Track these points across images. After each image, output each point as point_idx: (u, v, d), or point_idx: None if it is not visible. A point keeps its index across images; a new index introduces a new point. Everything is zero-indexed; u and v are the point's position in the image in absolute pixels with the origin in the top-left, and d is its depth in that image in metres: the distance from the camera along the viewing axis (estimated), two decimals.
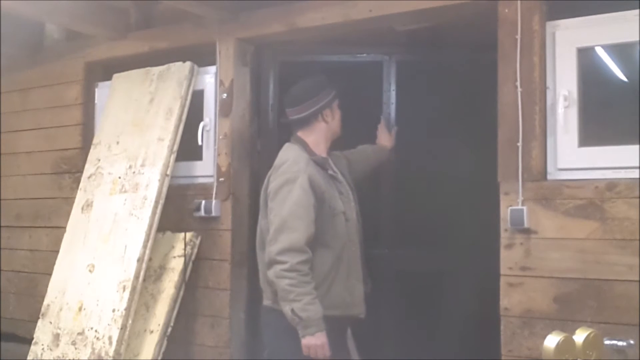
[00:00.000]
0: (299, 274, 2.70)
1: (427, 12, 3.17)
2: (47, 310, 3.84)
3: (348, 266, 2.91)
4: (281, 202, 2.80)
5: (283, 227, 2.75)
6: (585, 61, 2.83)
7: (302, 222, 2.75)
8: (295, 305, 2.68)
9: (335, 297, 2.85)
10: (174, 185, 3.73)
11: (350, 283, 2.91)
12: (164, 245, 3.72)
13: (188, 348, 3.70)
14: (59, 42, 4.50)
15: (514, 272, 2.81)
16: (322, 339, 2.70)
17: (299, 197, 2.77)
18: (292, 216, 2.75)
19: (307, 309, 2.68)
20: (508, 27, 2.91)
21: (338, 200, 2.93)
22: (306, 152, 2.95)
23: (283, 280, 2.70)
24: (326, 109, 3.04)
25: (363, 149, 3.44)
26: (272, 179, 2.90)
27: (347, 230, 2.93)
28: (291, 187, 2.80)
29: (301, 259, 2.71)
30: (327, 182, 2.92)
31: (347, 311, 2.91)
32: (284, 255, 2.71)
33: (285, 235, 2.74)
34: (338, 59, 3.86)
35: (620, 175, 2.66)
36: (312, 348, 2.71)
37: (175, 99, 3.73)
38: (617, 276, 2.60)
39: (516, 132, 2.84)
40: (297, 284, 2.69)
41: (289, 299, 2.69)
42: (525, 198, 2.81)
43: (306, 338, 2.70)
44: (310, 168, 2.88)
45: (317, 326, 2.70)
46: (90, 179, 3.96)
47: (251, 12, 3.65)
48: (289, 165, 2.89)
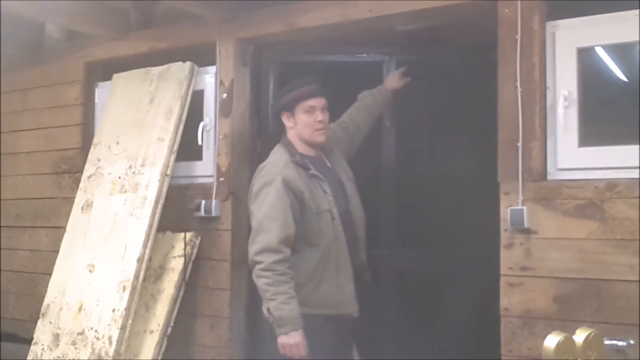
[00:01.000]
0: (274, 274, 2.76)
1: (427, 12, 3.16)
2: (47, 310, 3.84)
3: (336, 264, 2.92)
4: (259, 204, 2.89)
5: (259, 228, 2.85)
6: (585, 61, 2.83)
7: (277, 223, 2.81)
8: (271, 304, 2.74)
9: (325, 296, 2.87)
10: (174, 185, 3.73)
11: (340, 282, 2.92)
12: (164, 245, 3.72)
13: (188, 348, 3.70)
14: (59, 42, 4.49)
15: (514, 272, 2.81)
16: (297, 338, 2.74)
17: (273, 199, 2.84)
18: (267, 218, 2.83)
19: (281, 308, 2.73)
20: (508, 27, 2.90)
21: (322, 199, 2.94)
22: (289, 154, 2.98)
23: (260, 279, 2.79)
24: (284, 113, 3.05)
25: (363, 103, 3.43)
26: (253, 183, 2.99)
27: (334, 229, 2.94)
28: (268, 189, 2.87)
29: (276, 259, 2.77)
30: (308, 182, 2.94)
31: (339, 310, 2.92)
32: (260, 255, 2.80)
33: (261, 236, 2.82)
34: (338, 59, 3.86)
35: (620, 175, 2.66)
36: (287, 347, 2.75)
37: (175, 99, 3.73)
38: (617, 276, 2.60)
39: (516, 132, 2.84)
40: (272, 283, 2.75)
41: (265, 297, 2.77)
42: (525, 198, 2.81)
43: (280, 337, 2.75)
44: (288, 170, 2.91)
45: (292, 325, 2.73)
46: (90, 179, 3.96)
47: (251, 12, 3.65)
48: (267, 168, 2.97)
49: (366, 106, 3.42)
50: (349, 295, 2.95)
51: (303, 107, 3.00)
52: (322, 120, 3.01)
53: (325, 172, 3.05)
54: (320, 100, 3.02)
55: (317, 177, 2.98)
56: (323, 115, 3.02)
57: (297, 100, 3.01)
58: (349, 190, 3.08)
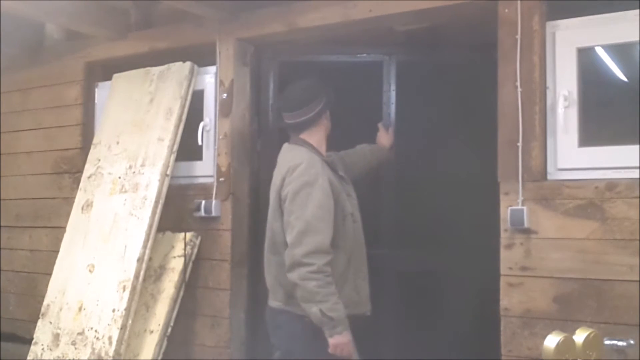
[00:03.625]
0: (324, 275, 2.73)
1: (427, 12, 3.17)
2: (47, 310, 3.84)
3: (356, 266, 2.95)
4: (302, 204, 2.80)
5: (307, 229, 2.76)
6: (585, 61, 2.83)
7: (326, 224, 2.78)
8: (324, 305, 2.71)
9: (346, 296, 2.87)
10: (174, 185, 3.73)
11: (358, 282, 2.95)
12: (164, 245, 3.72)
13: (188, 348, 3.70)
14: (59, 42, 4.50)
15: (514, 272, 2.81)
16: (349, 336, 2.77)
17: (320, 200, 2.80)
18: (316, 218, 2.77)
19: (335, 309, 2.72)
20: (508, 27, 2.91)
21: (347, 202, 2.95)
22: (316, 154, 2.96)
23: (310, 282, 2.72)
24: (327, 110, 3.06)
25: (361, 148, 3.44)
26: (289, 182, 2.87)
27: (355, 232, 2.96)
28: (311, 189, 2.81)
29: (326, 260, 2.75)
30: (338, 183, 2.95)
31: (355, 310, 2.93)
32: (311, 257, 2.73)
33: (310, 238, 2.75)
34: (338, 59, 3.86)
35: (620, 175, 2.66)
36: (340, 346, 2.75)
37: (175, 99, 3.73)
38: (617, 276, 2.60)
39: (516, 132, 2.84)
40: (323, 285, 2.72)
41: (315, 300, 2.72)
42: (525, 198, 2.81)
43: (334, 337, 2.74)
44: (326, 170, 2.91)
45: (344, 325, 2.75)
46: (90, 179, 3.96)
47: (251, 12, 3.65)
48: (305, 167, 2.87)
49: (363, 153, 3.42)
50: (365, 294, 2.99)
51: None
52: None
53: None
54: None
55: (344, 180, 3.00)
56: None
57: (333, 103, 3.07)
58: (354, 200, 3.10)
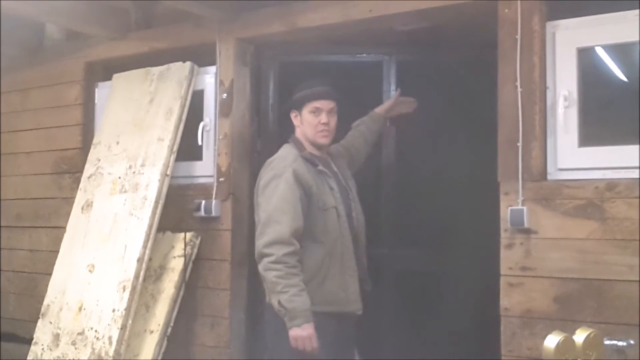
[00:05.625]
0: (285, 266, 2.74)
1: (427, 12, 3.16)
2: (47, 310, 3.84)
3: (341, 262, 2.92)
4: (268, 197, 2.87)
5: (269, 220, 2.82)
6: (585, 61, 2.83)
7: (288, 216, 2.80)
8: (282, 297, 2.71)
9: (329, 293, 2.86)
10: (174, 185, 3.73)
11: (344, 279, 2.92)
12: (164, 245, 3.72)
13: (188, 348, 3.70)
14: (59, 42, 4.50)
15: (514, 272, 2.81)
16: (309, 330, 2.72)
17: (284, 191, 2.83)
18: (278, 210, 2.81)
19: (294, 300, 2.71)
20: (508, 27, 2.91)
21: (329, 196, 2.95)
22: (297, 149, 3.00)
23: (270, 272, 2.75)
24: (293, 112, 3.07)
25: (357, 128, 3.43)
26: (260, 177, 2.98)
27: (340, 226, 2.94)
28: (277, 181, 2.86)
29: (287, 251, 2.75)
30: (316, 177, 2.95)
31: (343, 308, 2.92)
32: (271, 247, 2.77)
33: (271, 229, 2.79)
34: (338, 59, 3.86)
35: (620, 175, 2.66)
36: (299, 339, 2.73)
37: (175, 99, 3.73)
38: (617, 276, 2.60)
39: (516, 132, 2.84)
40: (283, 276, 2.73)
41: (276, 290, 2.73)
42: (525, 198, 2.81)
43: (293, 329, 2.73)
44: (298, 163, 2.92)
45: (304, 317, 2.72)
46: (90, 179, 3.96)
47: (251, 12, 3.65)
48: (276, 162, 2.97)
49: (361, 134, 3.42)
50: (354, 292, 2.95)
51: (309, 107, 3.02)
52: (326, 122, 3.01)
53: (331, 172, 3.06)
54: (328, 103, 3.02)
55: (324, 173, 3.00)
56: (329, 118, 3.02)
57: (305, 101, 3.03)
58: (353, 196, 3.09)
